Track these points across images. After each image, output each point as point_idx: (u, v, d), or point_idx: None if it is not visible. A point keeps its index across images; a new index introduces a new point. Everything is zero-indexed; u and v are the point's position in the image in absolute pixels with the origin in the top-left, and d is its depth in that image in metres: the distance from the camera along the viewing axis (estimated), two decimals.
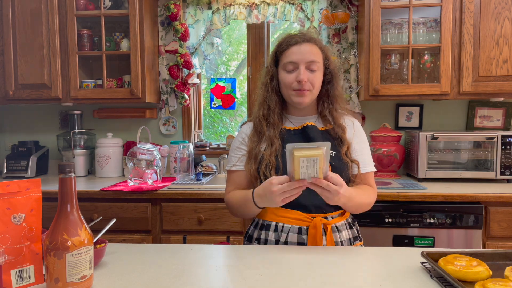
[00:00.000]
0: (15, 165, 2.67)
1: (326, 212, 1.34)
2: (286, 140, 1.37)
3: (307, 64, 1.34)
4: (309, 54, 1.34)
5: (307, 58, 1.34)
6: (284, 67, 1.38)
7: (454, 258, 0.96)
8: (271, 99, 1.40)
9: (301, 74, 1.33)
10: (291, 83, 1.35)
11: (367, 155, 1.47)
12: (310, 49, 1.35)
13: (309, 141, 1.37)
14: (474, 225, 2.01)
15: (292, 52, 1.35)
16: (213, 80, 2.85)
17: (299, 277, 1.00)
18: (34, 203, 0.94)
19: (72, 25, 2.47)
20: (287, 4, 2.64)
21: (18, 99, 2.54)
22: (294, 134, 1.40)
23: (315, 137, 1.37)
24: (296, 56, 1.35)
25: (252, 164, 1.38)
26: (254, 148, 1.39)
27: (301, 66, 1.34)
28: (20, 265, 0.92)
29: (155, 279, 0.99)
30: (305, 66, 1.34)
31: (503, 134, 2.28)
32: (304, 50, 1.35)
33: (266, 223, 1.37)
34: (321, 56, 1.38)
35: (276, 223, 1.34)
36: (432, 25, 2.57)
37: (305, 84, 1.33)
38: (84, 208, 2.11)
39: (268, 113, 1.40)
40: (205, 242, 2.10)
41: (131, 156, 2.36)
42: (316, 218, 1.30)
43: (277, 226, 1.34)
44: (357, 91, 2.62)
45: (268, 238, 1.34)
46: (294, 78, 1.34)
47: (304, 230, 1.31)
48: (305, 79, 1.33)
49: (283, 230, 1.32)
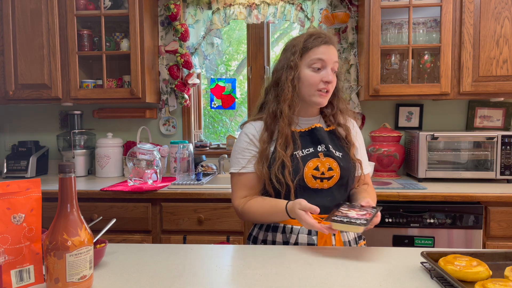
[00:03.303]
0: (15, 165, 2.67)
1: None
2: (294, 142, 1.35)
3: (333, 66, 1.35)
4: (334, 56, 1.36)
5: (334, 59, 1.35)
6: (309, 64, 1.34)
7: (454, 258, 0.96)
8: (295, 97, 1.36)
9: (330, 75, 1.33)
10: (317, 83, 1.33)
11: (365, 155, 1.52)
12: (335, 51, 1.37)
13: (317, 142, 1.37)
14: (474, 225, 2.01)
15: (322, 52, 1.34)
16: (213, 80, 2.84)
17: (299, 277, 1.00)
18: (34, 203, 0.94)
19: (72, 25, 2.47)
20: (287, 4, 2.64)
21: (18, 99, 2.54)
22: (301, 136, 1.38)
23: (323, 139, 1.37)
24: (326, 55, 1.33)
25: (263, 165, 1.35)
26: (266, 148, 1.36)
27: (329, 66, 1.34)
28: (20, 265, 0.92)
29: (155, 279, 0.99)
30: (331, 67, 1.35)
31: (503, 134, 2.28)
32: (332, 52, 1.35)
33: (273, 224, 1.35)
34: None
35: (284, 224, 1.33)
36: (432, 25, 2.57)
37: (329, 85, 1.34)
38: (84, 208, 2.11)
39: (289, 111, 1.35)
40: (205, 242, 2.10)
41: (131, 156, 2.36)
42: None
43: (285, 227, 1.33)
44: (357, 91, 2.62)
45: (276, 240, 1.33)
46: (320, 78, 1.33)
47: (314, 231, 1.30)
48: (333, 80, 1.34)
49: (292, 232, 1.31)
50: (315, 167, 1.34)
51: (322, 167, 1.34)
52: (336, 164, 1.35)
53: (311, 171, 1.33)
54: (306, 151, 1.36)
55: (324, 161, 1.35)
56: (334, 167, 1.35)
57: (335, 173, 1.35)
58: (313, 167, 1.34)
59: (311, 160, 1.34)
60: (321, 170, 1.34)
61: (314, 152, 1.36)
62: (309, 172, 1.33)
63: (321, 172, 1.34)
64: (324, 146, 1.37)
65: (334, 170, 1.34)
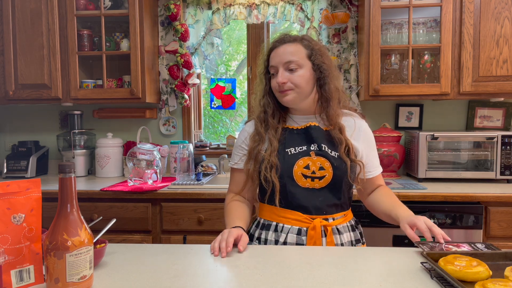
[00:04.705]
0: (15, 165, 2.67)
1: (327, 214, 1.33)
2: (288, 140, 1.37)
3: (285, 65, 1.34)
4: (286, 55, 1.34)
5: (284, 59, 1.34)
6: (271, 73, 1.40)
7: (454, 258, 0.96)
8: (266, 104, 1.41)
9: (279, 77, 1.34)
10: (275, 87, 1.37)
11: (374, 157, 1.46)
12: (288, 50, 1.35)
13: (311, 141, 1.36)
14: (474, 225, 2.01)
15: (272, 57, 1.38)
16: (213, 80, 2.84)
17: (299, 277, 1.00)
18: (34, 203, 0.94)
19: (72, 25, 2.47)
20: (287, 4, 2.64)
21: (18, 99, 2.54)
22: (296, 134, 1.38)
23: (317, 137, 1.35)
24: (274, 60, 1.36)
25: (252, 164, 1.39)
26: (254, 148, 1.38)
27: (280, 68, 1.35)
28: (20, 265, 0.92)
29: (155, 279, 0.99)
30: (284, 68, 1.35)
31: (503, 134, 2.28)
32: (281, 52, 1.35)
33: (267, 222, 1.37)
34: (303, 53, 1.35)
35: (276, 223, 1.35)
36: (432, 25, 2.57)
37: (284, 85, 1.33)
38: (84, 208, 2.12)
39: (265, 116, 1.41)
40: (205, 242, 2.08)
41: (131, 156, 2.36)
42: (316, 220, 1.30)
43: (277, 226, 1.34)
44: (357, 91, 2.62)
45: (268, 238, 1.34)
46: (276, 82, 1.35)
47: (304, 231, 1.31)
48: (284, 80, 1.33)
49: (282, 231, 1.33)
50: (305, 165, 1.32)
51: (313, 166, 1.32)
52: (329, 164, 1.32)
53: (301, 169, 1.32)
54: (299, 149, 1.35)
55: (315, 160, 1.33)
56: (326, 166, 1.32)
57: (327, 173, 1.32)
58: (303, 165, 1.33)
59: (302, 158, 1.33)
60: (311, 169, 1.32)
61: (306, 150, 1.35)
62: (298, 170, 1.32)
63: (312, 171, 1.32)
64: (316, 145, 1.35)
65: (326, 170, 1.32)
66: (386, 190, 1.45)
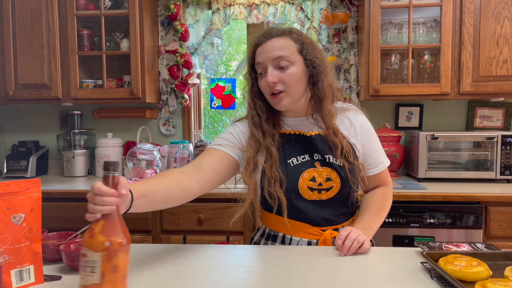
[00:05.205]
0: (15, 165, 2.67)
1: (337, 224, 1.27)
2: (288, 147, 1.26)
3: (275, 62, 1.19)
4: (274, 51, 1.19)
5: (273, 55, 1.19)
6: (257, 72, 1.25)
7: (454, 258, 0.96)
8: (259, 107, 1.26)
9: (268, 76, 1.19)
10: (265, 88, 1.22)
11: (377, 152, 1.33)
12: (276, 44, 1.20)
13: (312, 149, 1.25)
14: (474, 225, 2.01)
15: (258, 54, 1.22)
16: (213, 80, 2.84)
17: (299, 277, 1.00)
18: (34, 203, 0.94)
19: (72, 25, 2.47)
20: (287, 4, 2.64)
21: (18, 99, 2.54)
22: (295, 140, 1.27)
23: (320, 146, 1.25)
24: (261, 57, 1.21)
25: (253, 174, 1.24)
26: (254, 156, 1.24)
27: (269, 66, 1.20)
28: (20, 265, 0.92)
29: (155, 279, 0.99)
30: (273, 65, 1.19)
31: (503, 134, 2.28)
32: (269, 48, 1.20)
33: (273, 233, 1.30)
34: (293, 47, 1.21)
35: (284, 234, 1.28)
36: (432, 25, 2.57)
37: (275, 85, 1.19)
38: (84, 208, 2.11)
39: (259, 121, 1.26)
40: (205, 242, 2.10)
41: (131, 156, 2.36)
42: (326, 232, 1.25)
43: (285, 237, 1.28)
44: (357, 91, 2.62)
45: None
46: (265, 82, 1.20)
47: (314, 243, 1.25)
48: (274, 80, 1.18)
49: (291, 243, 1.26)
50: (310, 177, 1.22)
51: (319, 178, 1.22)
52: (336, 174, 1.23)
53: (307, 182, 1.22)
54: (301, 159, 1.25)
55: (321, 171, 1.23)
56: (333, 177, 1.23)
57: (335, 183, 1.23)
58: (308, 178, 1.22)
59: (307, 170, 1.23)
60: (318, 181, 1.22)
61: (310, 160, 1.24)
62: (304, 184, 1.22)
63: (318, 183, 1.22)
64: (320, 155, 1.24)
65: (333, 181, 1.23)
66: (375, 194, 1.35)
